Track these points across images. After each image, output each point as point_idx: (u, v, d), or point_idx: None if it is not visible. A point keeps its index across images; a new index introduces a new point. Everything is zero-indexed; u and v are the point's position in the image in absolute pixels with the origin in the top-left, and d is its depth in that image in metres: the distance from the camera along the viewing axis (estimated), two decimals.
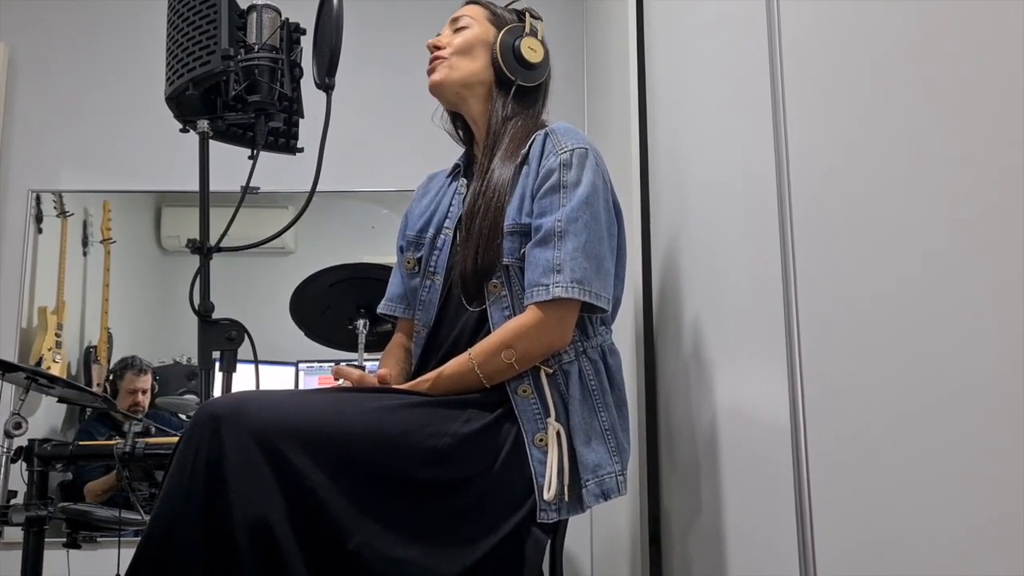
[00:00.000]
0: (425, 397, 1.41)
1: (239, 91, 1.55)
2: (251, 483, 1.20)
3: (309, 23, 1.65)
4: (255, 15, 1.60)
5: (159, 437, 1.94)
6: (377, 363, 1.74)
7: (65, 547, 2.26)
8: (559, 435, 1.39)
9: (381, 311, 1.74)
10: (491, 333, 1.44)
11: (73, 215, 3.29)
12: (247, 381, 1.58)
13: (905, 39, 0.91)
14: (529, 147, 1.53)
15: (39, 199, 3.27)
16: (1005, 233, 0.73)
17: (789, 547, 1.15)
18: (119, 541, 2.07)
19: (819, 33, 1.13)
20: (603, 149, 1.58)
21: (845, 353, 1.03)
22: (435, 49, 1.62)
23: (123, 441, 1.85)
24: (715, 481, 1.53)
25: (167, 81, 1.57)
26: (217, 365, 1.55)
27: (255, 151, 1.63)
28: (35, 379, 1.94)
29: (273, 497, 1.21)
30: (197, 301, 1.54)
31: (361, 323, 2.35)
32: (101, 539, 2.50)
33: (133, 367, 3.12)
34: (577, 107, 3.24)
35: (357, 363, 2.35)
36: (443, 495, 1.33)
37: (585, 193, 1.45)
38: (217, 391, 1.52)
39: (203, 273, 1.54)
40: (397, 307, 1.71)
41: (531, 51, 1.59)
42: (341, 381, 1.49)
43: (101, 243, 3.28)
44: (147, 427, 2.59)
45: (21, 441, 1.91)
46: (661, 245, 1.97)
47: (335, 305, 2.39)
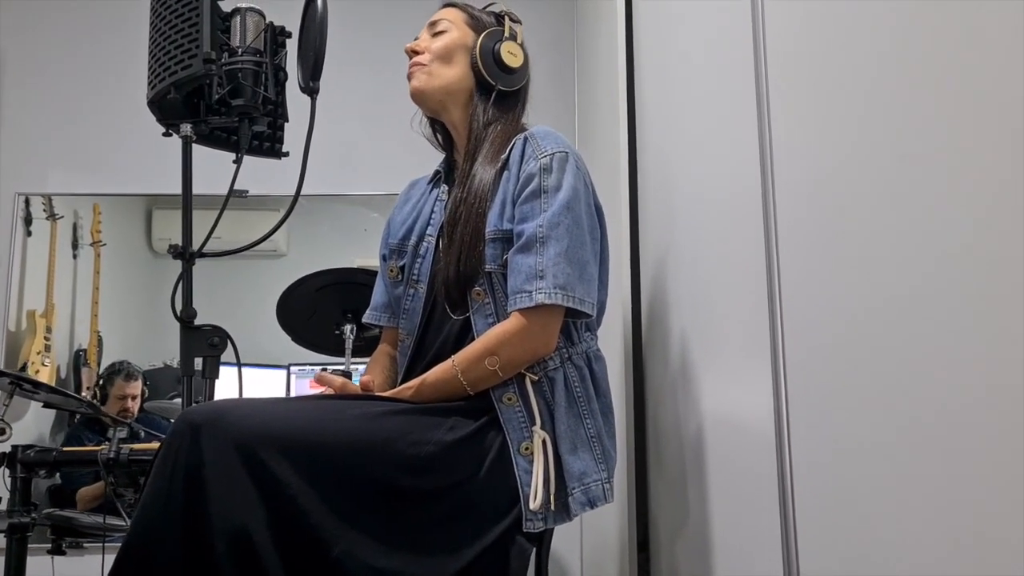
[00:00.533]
0: (409, 404, 1.40)
1: (222, 95, 1.54)
2: (230, 491, 1.19)
3: (295, 26, 1.63)
4: (239, 18, 1.58)
5: (144, 443, 1.92)
6: (365, 368, 1.73)
7: (50, 553, 2.24)
8: (545, 443, 1.38)
9: (366, 320, 1.72)
10: (475, 340, 1.43)
11: (63, 218, 3.26)
12: (233, 386, 1.56)
13: (891, 52, 0.90)
14: (509, 152, 1.51)
15: (28, 202, 3.24)
16: (991, 241, 0.73)
17: (773, 552, 1.16)
18: (103, 547, 2.05)
19: (804, 42, 1.13)
20: (592, 150, 1.58)
21: (829, 362, 1.03)
22: (413, 54, 1.60)
23: (108, 447, 1.83)
24: (702, 488, 1.52)
25: (149, 85, 1.56)
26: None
27: (239, 155, 1.61)
28: (19, 384, 1.93)
29: (253, 505, 1.19)
30: (180, 307, 1.52)
31: (348, 328, 2.34)
32: (88, 544, 2.48)
33: (123, 373, 3.09)
34: (568, 109, 3.23)
35: (344, 368, 2.33)
36: (426, 503, 1.31)
37: (566, 197, 1.43)
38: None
39: (186, 279, 1.52)
40: (382, 316, 1.69)
41: (511, 55, 1.57)
42: (324, 389, 1.48)
43: (91, 246, 3.25)
44: (136, 431, 2.58)
45: (5, 447, 1.89)
46: (650, 251, 1.96)
47: (322, 310, 2.38)
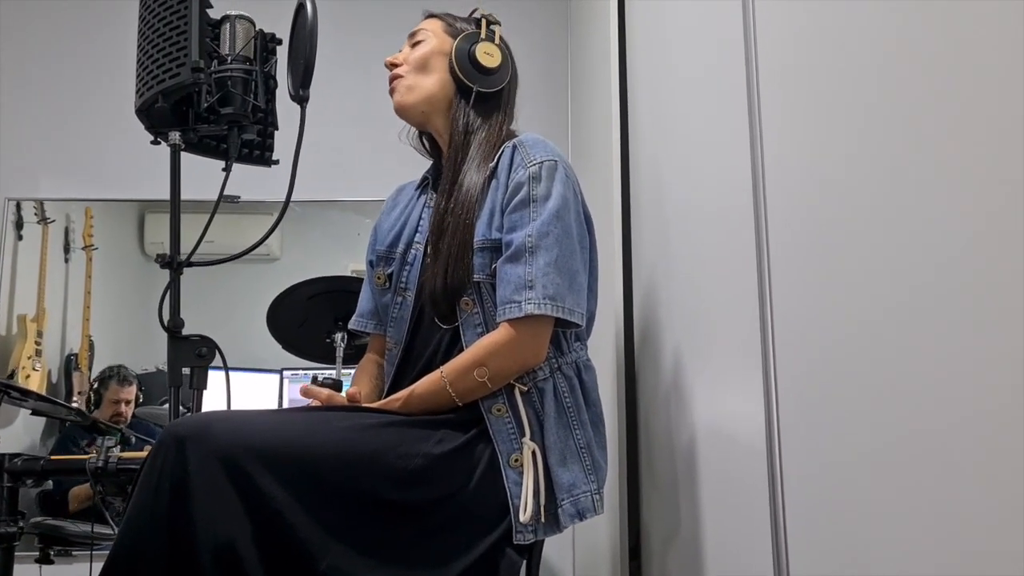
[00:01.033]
0: (397, 416, 1.38)
1: (211, 103, 1.52)
2: (215, 504, 1.18)
3: (286, 33, 1.61)
4: (228, 25, 1.57)
5: (135, 450, 1.91)
6: (352, 378, 1.71)
7: (37, 562, 2.23)
8: (534, 455, 1.37)
9: (352, 327, 1.71)
10: (464, 351, 1.42)
11: (54, 222, 3.24)
12: (223, 394, 1.55)
13: (883, 63, 0.90)
14: (497, 160, 1.49)
15: (19, 206, 3.23)
16: (982, 253, 0.72)
17: (764, 561, 1.16)
18: (91, 555, 2.04)
19: (796, 51, 1.12)
20: (585, 158, 1.57)
21: (820, 372, 1.03)
22: (392, 67, 1.60)
23: (96, 456, 1.82)
24: (694, 496, 1.51)
25: (137, 93, 1.54)
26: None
27: (228, 163, 1.60)
28: (7, 392, 1.91)
29: (238, 518, 1.18)
30: (167, 316, 1.51)
31: (339, 336, 2.33)
32: (76, 553, 2.47)
33: (117, 377, 3.08)
34: (560, 116, 3.22)
35: (335, 376, 2.32)
36: (415, 516, 1.30)
37: (555, 206, 1.41)
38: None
39: (173, 288, 1.51)
40: (368, 323, 1.68)
41: (487, 56, 1.55)
42: (311, 402, 1.46)
43: (83, 250, 3.24)
44: (127, 437, 2.57)
45: None
46: (643, 259, 1.95)
47: (312, 318, 2.37)
